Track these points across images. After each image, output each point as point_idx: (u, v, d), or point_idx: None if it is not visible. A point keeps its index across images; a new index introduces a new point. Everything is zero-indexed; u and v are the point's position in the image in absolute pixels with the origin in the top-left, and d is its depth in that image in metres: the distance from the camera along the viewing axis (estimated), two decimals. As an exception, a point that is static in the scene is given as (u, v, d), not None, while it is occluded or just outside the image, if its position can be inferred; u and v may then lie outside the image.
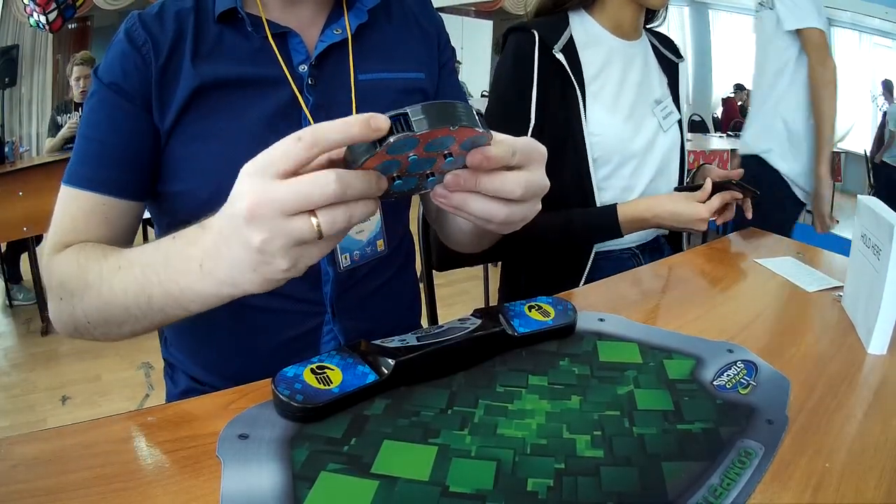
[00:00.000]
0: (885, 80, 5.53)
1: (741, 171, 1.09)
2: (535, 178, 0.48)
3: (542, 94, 1.03)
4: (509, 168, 0.47)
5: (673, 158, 1.15)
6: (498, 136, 0.46)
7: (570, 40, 1.05)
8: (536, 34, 1.03)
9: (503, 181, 0.46)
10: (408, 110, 0.41)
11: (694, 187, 1.04)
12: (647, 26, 1.20)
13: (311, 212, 0.41)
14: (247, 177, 0.42)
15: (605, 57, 1.08)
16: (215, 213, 0.47)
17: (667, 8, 1.16)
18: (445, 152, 0.44)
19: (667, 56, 1.19)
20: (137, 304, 0.53)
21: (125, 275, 0.54)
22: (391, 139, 0.40)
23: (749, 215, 1.08)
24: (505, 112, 1.06)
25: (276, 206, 0.41)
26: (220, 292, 0.48)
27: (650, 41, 1.18)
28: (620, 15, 1.09)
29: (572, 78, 1.03)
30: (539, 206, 0.50)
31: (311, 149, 0.41)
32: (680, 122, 1.17)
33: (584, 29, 1.09)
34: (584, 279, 1.07)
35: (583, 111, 1.03)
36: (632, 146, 1.07)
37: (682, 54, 1.21)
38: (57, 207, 0.66)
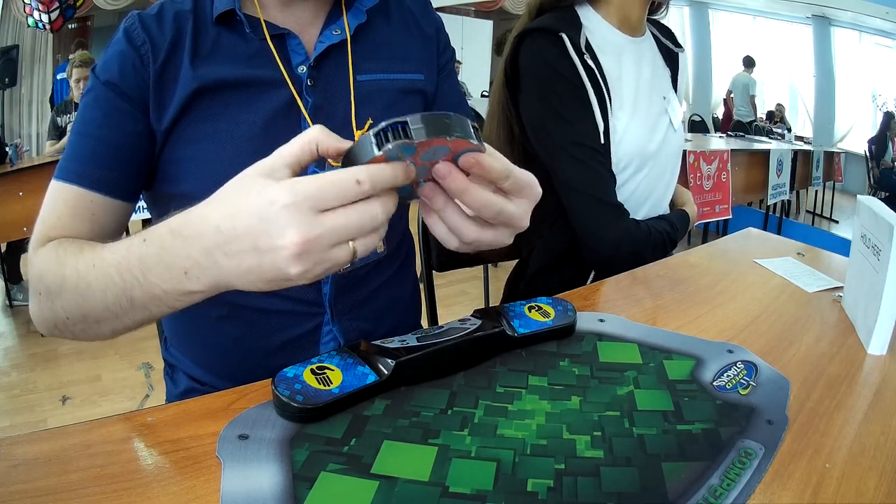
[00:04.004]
0: (746, 56, 6.53)
1: None
2: (518, 211, 0.48)
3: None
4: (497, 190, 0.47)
5: (678, 156, 1.12)
6: (499, 156, 0.47)
7: (588, 43, 0.99)
8: (566, 37, 0.95)
9: (494, 202, 0.46)
10: (407, 119, 0.42)
11: None
12: (650, 17, 1.14)
13: (352, 239, 0.43)
14: (289, 210, 0.41)
15: (619, 59, 1.03)
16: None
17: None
18: (440, 162, 0.45)
19: (668, 47, 1.14)
20: (118, 303, 0.53)
21: (102, 274, 0.53)
22: (389, 145, 0.42)
23: None
24: (574, 128, 0.96)
25: (327, 241, 0.42)
26: (210, 292, 0.48)
27: (652, 33, 1.13)
28: (628, 9, 1.04)
29: (601, 83, 0.97)
30: (509, 241, 0.51)
31: (369, 194, 0.42)
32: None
33: (595, 28, 1.03)
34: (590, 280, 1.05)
35: (610, 117, 0.98)
36: (649, 149, 1.03)
37: (682, 44, 1.17)
38: (45, 202, 0.66)
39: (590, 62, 0.96)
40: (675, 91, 1.15)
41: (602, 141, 0.97)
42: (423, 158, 0.44)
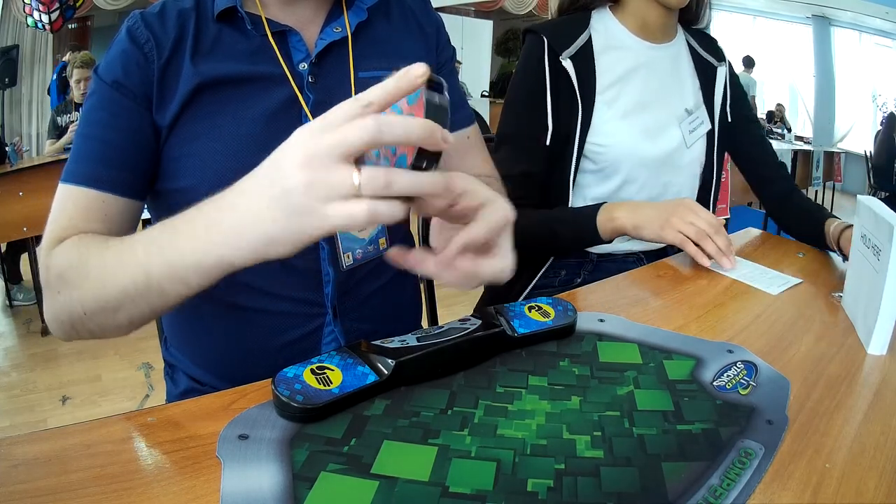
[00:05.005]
0: (746, 56, 6.67)
1: None
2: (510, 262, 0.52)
3: (553, 100, 0.99)
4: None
5: (691, 176, 1.09)
6: (473, 185, 0.50)
7: (587, 44, 1.00)
8: (545, 39, 0.99)
9: (496, 264, 0.51)
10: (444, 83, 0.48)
11: None
12: (689, 27, 1.12)
13: (357, 169, 0.43)
14: (301, 130, 0.44)
15: (626, 62, 1.03)
16: None
17: (710, 7, 1.09)
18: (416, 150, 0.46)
19: (705, 59, 1.10)
20: (135, 282, 0.52)
21: (126, 254, 0.54)
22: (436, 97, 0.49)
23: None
24: (518, 121, 1.03)
25: (328, 150, 0.42)
26: (220, 254, 0.47)
27: (689, 43, 1.10)
28: (644, 15, 1.03)
29: (576, 87, 0.99)
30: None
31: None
32: (711, 132, 1.08)
33: (605, 31, 1.04)
34: (534, 283, 1.07)
35: (580, 121, 0.99)
36: (645, 157, 1.02)
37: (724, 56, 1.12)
38: (54, 206, 0.66)
39: (566, 65, 0.98)
40: (712, 105, 1.09)
41: (566, 138, 1.00)
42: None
